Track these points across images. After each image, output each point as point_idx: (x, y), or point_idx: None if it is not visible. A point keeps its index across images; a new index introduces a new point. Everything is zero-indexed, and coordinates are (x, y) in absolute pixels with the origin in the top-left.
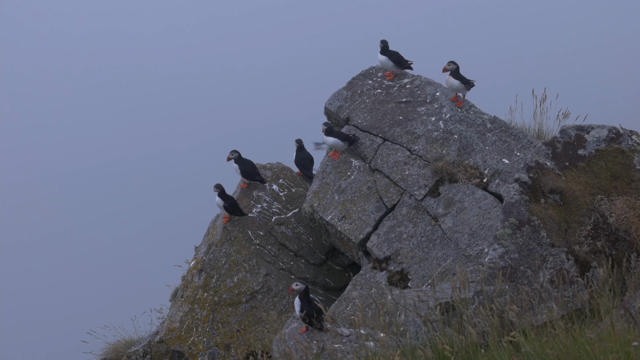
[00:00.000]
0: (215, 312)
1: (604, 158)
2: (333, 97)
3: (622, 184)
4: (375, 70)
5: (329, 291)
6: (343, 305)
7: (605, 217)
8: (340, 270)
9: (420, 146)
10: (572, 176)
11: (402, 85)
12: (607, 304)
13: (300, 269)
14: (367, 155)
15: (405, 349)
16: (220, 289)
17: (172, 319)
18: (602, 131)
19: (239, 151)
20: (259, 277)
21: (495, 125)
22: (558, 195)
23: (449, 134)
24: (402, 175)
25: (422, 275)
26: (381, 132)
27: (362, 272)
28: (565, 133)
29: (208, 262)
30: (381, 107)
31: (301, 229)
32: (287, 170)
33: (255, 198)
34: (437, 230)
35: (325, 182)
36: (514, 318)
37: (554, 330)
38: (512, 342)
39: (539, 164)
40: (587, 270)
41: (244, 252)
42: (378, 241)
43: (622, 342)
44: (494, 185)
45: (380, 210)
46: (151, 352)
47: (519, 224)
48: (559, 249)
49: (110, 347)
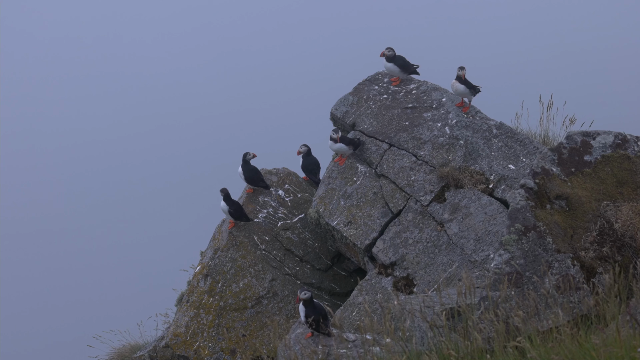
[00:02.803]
0: (221, 317)
1: (610, 164)
2: (339, 102)
3: (628, 190)
4: (381, 76)
5: (334, 296)
6: (349, 311)
7: (611, 223)
8: (345, 276)
9: (426, 152)
10: (578, 182)
11: (408, 90)
12: (612, 310)
13: (306, 274)
14: (373, 161)
15: (411, 354)
16: (225, 294)
17: (177, 324)
18: (608, 137)
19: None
20: (265, 282)
21: (501, 131)
22: (564, 201)
23: (455, 139)
24: (408, 181)
25: (427, 280)
26: (387, 137)
27: (367, 278)
28: (571, 139)
29: (214, 267)
30: (387, 112)
31: (307, 234)
32: (293, 176)
33: (261, 203)
34: (442, 235)
35: (331, 188)
36: (519, 324)
37: (560, 336)
38: (518, 348)
39: (545, 169)
40: (592, 276)
41: (250, 257)
42: (384, 247)
43: (628, 348)
44: (499, 191)
45: (386, 216)
46: (157, 357)
47: (524, 230)
48: (564, 255)
49: (116, 351)
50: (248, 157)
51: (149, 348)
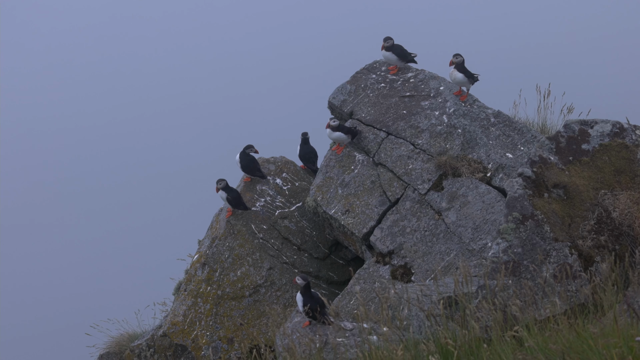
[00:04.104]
0: (219, 306)
1: (608, 153)
2: (337, 91)
3: (625, 179)
4: (379, 64)
5: (332, 285)
6: (346, 299)
7: (609, 212)
8: (343, 264)
9: (424, 140)
10: (576, 171)
11: (406, 79)
12: (610, 299)
13: (304, 262)
14: (370, 150)
15: (408, 343)
16: (223, 283)
17: (175, 313)
18: (605, 126)
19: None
20: (263, 271)
21: (499, 119)
22: (561, 190)
23: (452, 128)
24: (405, 170)
25: (425, 269)
26: (385, 126)
27: (365, 266)
28: (569, 128)
29: (211, 256)
30: (385, 101)
31: (305, 222)
32: (291, 164)
33: (258, 192)
34: (440, 224)
35: (328, 176)
36: (517, 312)
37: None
38: (515, 337)
39: (543, 158)
40: (590, 265)
41: (248, 246)
42: (381, 235)
43: (625, 337)
44: (497, 179)
45: (384, 205)
46: (154, 345)
47: (522, 219)
48: (562, 244)
49: (114, 340)
50: (249, 150)
51: (147, 337)
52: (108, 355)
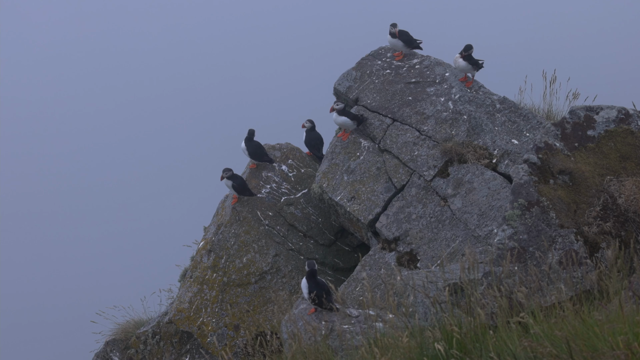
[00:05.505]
0: (225, 292)
1: (614, 139)
2: (342, 77)
3: (631, 165)
4: (384, 51)
5: (338, 272)
6: (352, 286)
7: (615, 198)
8: (349, 251)
9: (430, 127)
10: (582, 157)
11: (412, 65)
12: (615, 285)
13: (310, 249)
14: (376, 136)
15: (413, 329)
16: (229, 270)
17: (181, 300)
18: (611, 112)
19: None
20: (268, 257)
21: (504, 105)
22: (567, 176)
23: (458, 114)
24: (411, 156)
25: (431, 256)
26: (390, 112)
27: (371, 253)
28: (574, 114)
29: (217, 243)
30: (390, 87)
31: (310, 209)
32: (297, 151)
33: (264, 179)
34: (446, 210)
35: (334, 163)
36: (522, 299)
37: (563, 312)
38: (521, 323)
39: (548, 144)
40: (596, 251)
41: (253, 233)
42: (387, 222)
43: (631, 324)
44: (503, 165)
45: (390, 191)
46: (160, 332)
47: (528, 205)
48: (567, 230)
49: (120, 327)
50: (252, 134)
51: (153, 324)
52: (114, 342)
